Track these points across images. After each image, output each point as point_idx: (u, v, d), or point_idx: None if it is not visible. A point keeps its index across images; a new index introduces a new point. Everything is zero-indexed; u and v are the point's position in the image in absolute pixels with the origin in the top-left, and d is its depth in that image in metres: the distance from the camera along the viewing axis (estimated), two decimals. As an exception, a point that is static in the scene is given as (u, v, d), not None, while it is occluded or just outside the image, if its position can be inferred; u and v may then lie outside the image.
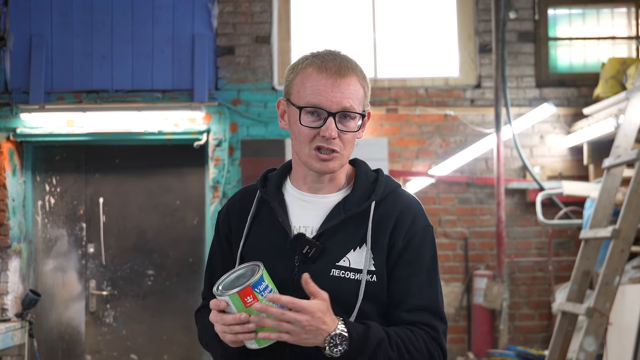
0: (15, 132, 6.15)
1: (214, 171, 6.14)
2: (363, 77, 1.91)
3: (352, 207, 1.90)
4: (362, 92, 1.89)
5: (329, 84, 1.84)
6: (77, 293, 6.40)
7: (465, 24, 6.48)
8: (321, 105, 1.84)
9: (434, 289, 1.89)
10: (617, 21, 6.57)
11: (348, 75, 1.86)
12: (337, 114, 1.84)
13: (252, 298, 1.72)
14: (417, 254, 1.89)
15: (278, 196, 1.96)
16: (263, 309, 1.70)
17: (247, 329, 1.73)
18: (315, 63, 1.87)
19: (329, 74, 1.84)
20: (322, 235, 1.88)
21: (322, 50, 1.92)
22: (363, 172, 1.98)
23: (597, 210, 4.39)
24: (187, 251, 6.41)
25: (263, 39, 6.30)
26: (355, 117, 1.87)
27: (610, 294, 4.04)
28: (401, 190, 1.97)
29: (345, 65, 1.87)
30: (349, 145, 1.89)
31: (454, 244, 6.27)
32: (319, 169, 1.88)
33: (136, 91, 6.23)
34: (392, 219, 1.89)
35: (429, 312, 1.86)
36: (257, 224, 1.96)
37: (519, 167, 6.29)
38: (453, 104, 6.34)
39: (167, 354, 6.37)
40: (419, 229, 1.90)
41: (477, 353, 5.94)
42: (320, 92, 1.84)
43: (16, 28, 6.20)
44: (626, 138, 4.36)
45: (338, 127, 1.85)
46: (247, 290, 1.71)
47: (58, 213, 6.43)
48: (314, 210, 1.92)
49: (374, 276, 1.85)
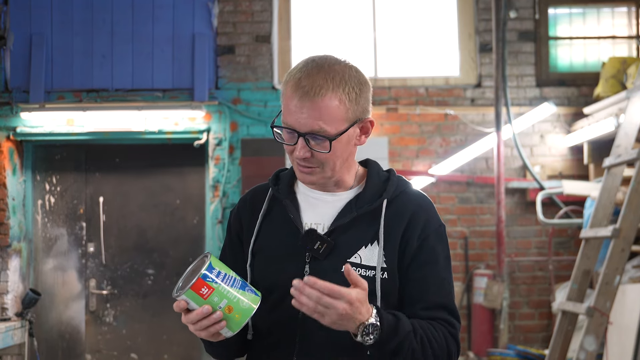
0: (15, 131, 6.14)
1: (214, 170, 6.13)
2: (348, 91, 1.83)
3: (364, 205, 1.90)
4: (342, 109, 1.82)
5: (298, 105, 1.81)
6: (77, 292, 6.40)
7: (466, 23, 6.48)
8: (292, 126, 1.83)
9: (449, 289, 1.92)
10: (618, 20, 6.57)
11: (320, 95, 1.79)
12: (307, 134, 1.83)
13: (207, 288, 1.72)
14: (433, 254, 1.90)
15: (290, 194, 1.97)
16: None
17: (213, 320, 1.73)
18: (294, 79, 1.83)
19: (300, 94, 1.80)
20: (333, 232, 1.89)
21: (312, 60, 1.87)
22: (375, 171, 1.98)
23: (598, 209, 4.39)
24: (187, 250, 6.40)
25: (263, 38, 6.30)
26: (325, 140, 1.83)
27: (611, 294, 4.04)
28: (413, 190, 1.98)
29: (321, 83, 1.80)
30: (329, 161, 1.86)
31: (454, 243, 6.27)
32: (301, 180, 1.92)
33: (136, 90, 6.23)
34: (404, 218, 1.90)
35: (445, 310, 1.89)
36: (268, 221, 1.97)
37: (519, 166, 6.28)
38: (453, 103, 6.34)
39: (167, 354, 6.37)
40: (433, 229, 1.92)
41: (477, 352, 5.94)
42: (291, 113, 1.83)
43: (16, 27, 6.20)
44: (627, 137, 4.36)
45: (310, 147, 1.84)
46: (198, 283, 1.71)
47: (58, 212, 6.42)
48: (326, 208, 1.93)
49: (385, 273, 1.86)
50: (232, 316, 1.75)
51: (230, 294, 1.74)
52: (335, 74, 1.83)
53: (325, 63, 1.84)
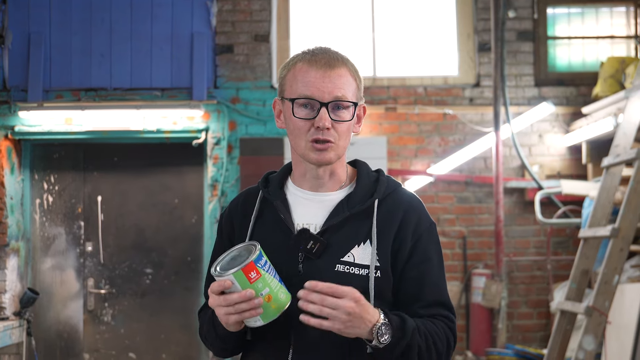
0: (13, 130, 6.14)
1: (212, 170, 6.13)
2: (355, 71, 1.94)
3: (356, 205, 1.92)
4: (354, 84, 1.92)
5: (319, 75, 1.87)
6: (75, 291, 6.39)
7: (465, 23, 6.48)
8: (313, 96, 1.87)
9: (443, 285, 1.96)
10: (616, 20, 6.58)
11: (338, 67, 1.89)
12: (330, 103, 1.87)
13: (256, 273, 1.74)
14: (426, 253, 1.93)
15: (280, 195, 1.98)
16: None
17: (254, 305, 1.74)
18: (306, 58, 1.90)
19: (319, 66, 1.88)
20: (326, 231, 1.90)
21: (313, 47, 1.95)
22: (364, 171, 2.00)
23: (596, 209, 4.40)
24: (186, 250, 6.40)
25: (262, 37, 6.29)
26: (349, 106, 1.89)
27: (610, 293, 4.05)
28: (402, 189, 2.00)
29: (335, 58, 1.90)
30: (344, 136, 1.90)
31: (452, 243, 6.27)
32: (316, 160, 1.90)
33: (135, 89, 6.22)
34: (396, 217, 1.92)
35: (442, 306, 1.93)
36: (260, 224, 1.97)
37: (517, 166, 6.29)
38: (452, 103, 6.34)
39: (166, 353, 6.37)
40: (425, 228, 1.95)
41: (475, 352, 5.94)
42: (311, 84, 1.87)
43: (15, 26, 6.19)
44: (625, 137, 4.37)
45: (331, 117, 1.87)
46: (250, 266, 1.73)
47: (56, 211, 6.42)
48: (317, 208, 1.94)
49: (378, 272, 1.88)
50: (269, 306, 1.77)
51: (273, 284, 1.77)
52: (340, 53, 1.95)
53: (327, 47, 1.96)
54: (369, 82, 6.39)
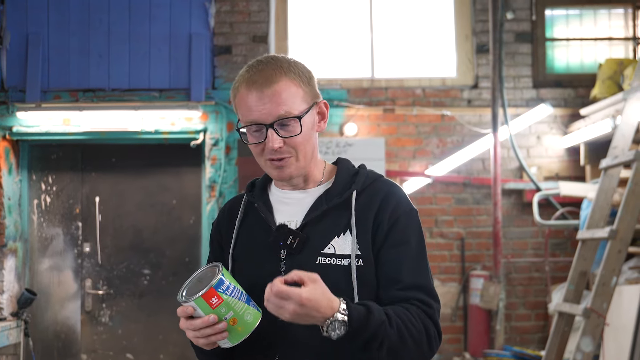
0: (11, 130, 6.13)
1: (210, 170, 6.12)
2: (299, 75, 1.90)
3: (334, 198, 1.94)
4: (299, 91, 1.89)
5: (257, 98, 1.86)
6: (72, 292, 6.38)
7: (463, 24, 6.48)
8: (257, 120, 1.87)
9: (425, 270, 1.92)
10: (614, 22, 6.58)
11: (276, 82, 1.86)
12: (275, 123, 1.86)
13: (217, 299, 1.74)
14: (405, 235, 1.91)
15: (263, 197, 2.02)
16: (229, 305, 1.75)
17: (217, 330, 1.76)
18: (245, 80, 1.89)
19: (257, 87, 1.86)
20: (305, 226, 1.92)
21: (254, 61, 1.92)
22: (344, 167, 2.02)
23: (595, 210, 4.40)
24: (184, 250, 6.39)
25: (260, 38, 6.29)
26: (295, 120, 1.88)
27: (608, 295, 4.05)
28: (383, 180, 2.00)
29: (272, 73, 1.87)
30: (302, 146, 1.90)
31: (450, 244, 6.27)
32: (277, 177, 1.94)
33: (133, 90, 6.22)
34: (375, 203, 1.93)
35: (421, 290, 1.88)
36: (245, 226, 2.01)
37: (515, 167, 6.29)
38: (450, 104, 6.34)
39: (163, 354, 6.36)
40: (402, 211, 1.93)
41: (473, 353, 5.94)
42: (252, 108, 1.87)
43: (13, 26, 6.18)
44: (623, 139, 4.37)
45: (280, 135, 1.87)
46: (210, 292, 1.74)
47: (54, 212, 6.41)
48: (297, 206, 1.97)
49: (360, 260, 1.88)
50: (235, 328, 1.78)
51: (237, 306, 1.77)
52: (281, 63, 1.90)
53: (268, 59, 1.92)
54: (368, 83, 6.38)
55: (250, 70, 1.90)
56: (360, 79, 6.42)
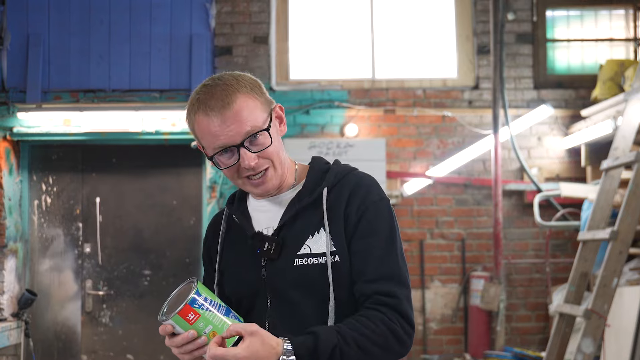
0: (12, 131, 6.13)
1: (211, 171, 6.12)
2: (250, 87, 1.90)
3: (305, 198, 1.94)
4: (257, 103, 1.88)
5: (219, 123, 1.84)
6: (73, 293, 6.38)
7: (464, 25, 6.48)
8: (226, 144, 1.86)
9: (393, 258, 1.89)
10: (615, 23, 6.58)
11: (233, 102, 1.84)
12: (244, 141, 1.86)
13: (194, 314, 1.75)
14: (373, 225, 1.89)
15: (241, 207, 2.03)
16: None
17: (198, 345, 1.77)
18: (201, 107, 1.86)
19: (215, 113, 1.84)
20: (281, 230, 1.93)
21: (201, 87, 1.90)
22: (316, 165, 2.02)
23: (595, 212, 4.39)
24: (184, 251, 6.39)
25: (261, 39, 6.29)
26: (263, 132, 1.87)
27: (608, 296, 4.04)
28: (356, 172, 1.99)
29: (225, 93, 1.85)
30: (275, 154, 1.90)
31: (451, 245, 6.27)
32: (260, 194, 1.95)
33: (133, 91, 6.22)
34: (344, 197, 1.92)
35: (388, 279, 1.86)
36: (228, 239, 2.03)
37: (516, 168, 6.28)
38: (451, 105, 6.34)
39: (163, 354, 6.36)
40: (371, 202, 1.91)
41: (474, 354, 5.93)
42: (217, 134, 1.85)
43: (13, 27, 6.18)
44: (624, 140, 4.37)
45: (253, 152, 1.87)
46: (186, 308, 1.74)
47: (54, 212, 6.41)
48: (272, 212, 1.97)
49: (336, 256, 1.88)
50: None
51: (215, 320, 1.77)
52: (228, 81, 1.89)
53: (213, 82, 1.90)
54: (368, 84, 6.38)
55: (202, 96, 1.87)
56: (361, 79, 6.42)
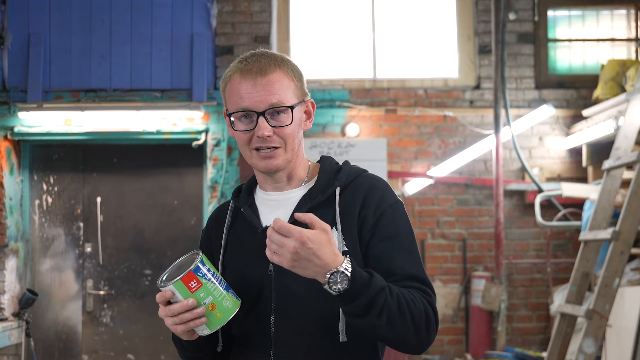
0: (12, 130, 6.13)
1: (212, 171, 6.12)
2: (292, 70, 1.92)
3: (317, 196, 1.93)
4: (292, 85, 1.90)
5: (251, 85, 1.87)
6: (74, 292, 6.38)
7: (465, 25, 6.47)
8: (248, 107, 1.87)
9: (417, 262, 1.89)
10: (617, 23, 6.57)
11: (270, 72, 1.87)
12: (267, 111, 1.87)
13: (197, 282, 1.74)
14: (392, 228, 1.89)
15: (248, 201, 2.01)
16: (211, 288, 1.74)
17: (196, 314, 1.74)
18: (239, 69, 1.89)
19: (251, 75, 1.87)
20: None
21: (248, 53, 1.94)
22: (327, 164, 2.01)
23: (597, 212, 4.39)
24: (185, 251, 6.32)
25: (262, 38, 6.28)
26: (287, 110, 1.89)
27: (610, 296, 4.04)
28: (367, 174, 1.99)
29: (267, 63, 1.89)
30: (290, 138, 1.90)
31: (452, 245, 6.26)
32: (264, 168, 1.92)
33: (135, 90, 6.21)
34: (359, 198, 1.91)
35: (417, 280, 1.85)
36: (233, 232, 2.01)
37: (517, 168, 6.28)
38: (452, 105, 6.34)
39: (164, 354, 6.36)
40: (388, 205, 1.91)
41: (474, 354, 5.93)
42: (245, 95, 1.87)
43: (14, 26, 6.18)
44: (626, 140, 4.36)
45: (271, 124, 1.88)
46: (189, 275, 1.73)
47: (55, 212, 6.41)
48: (282, 207, 1.96)
49: (348, 256, 1.84)
50: (214, 314, 1.77)
51: (216, 292, 1.76)
52: (275, 56, 1.92)
53: (262, 52, 1.93)
54: (370, 84, 6.38)
55: (244, 61, 1.90)
56: (362, 79, 6.41)
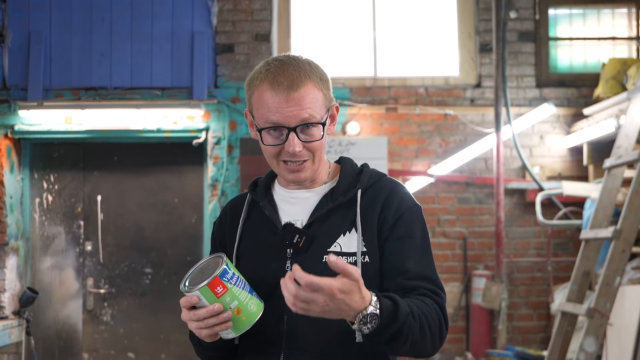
0: (13, 129, 6.12)
1: (212, 169, 6.12)
2: (320, 79, 1.89)
3: (339, 197, 1.93)
4: (321, 96, 1.87)
5: (283, 100, 1.83)
6: (74, 291, 6.38)
7: (466, 23, 6.46)
8: (279, 123, 1.84)
9: (430, 263, 1.91)
10: (618, 21, 6.56)
11: (302, 86, 1.83)
12: (297, 127, 1.85)
13: (222, 288, 1.73)
14: (409, 229, 1.91)
15: (267, 196, 2.00)
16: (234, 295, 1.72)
17: (222, 319, 1.74)
18: (268, 79, 1.85)
19: (282, 89, 1.83)
20: (311, 225, 1.92)
21: (274, 60, 1.89)
22: (349, 166, 2.02)
23: (598, 210, 4.38)
24: (185, 249, 6.39)
25: (263, 36, 6.28)
26: (318, 125, 1.87)
27: (611, 295, 4.03)
28: (387, 178, 2.01)
29: (297, 75, 1.84)
30: (318, 150, 1.90)
31: (452, 244, 6.26)
32: (292, 180, 1.93)
33: (135, 88, 6.21)
34: (379, 201, 1.93)
35: (428, 281, 1.87)
36: (249, 225, 2.00)
37: (518, 167, 6.27)
38: (453, 104, 6.33)
39: (165, 353, 6.35)
40: (407, 207, 1.93)
41: (475, 353, 5.93)
42: (276, 110, 1.84)
43: (15, 25, 6.17)
44: (627, 138, 4.35)
45: (301, 139, 1.86)
46: (215, 280, 1.73)
47: (56, 210, 6.40)
48: (302, 205, 1.96)
49: (366, 257, 1.88)
50: (239, 318, 1.77)
51: (241, 296, 1.76)
52: (302, 64, 1.88)
53: (288, 59, 1.89)
54: (370, 82, 6.37)
55: (272, 69, 1.85)
56: (363, 77, 6.41)
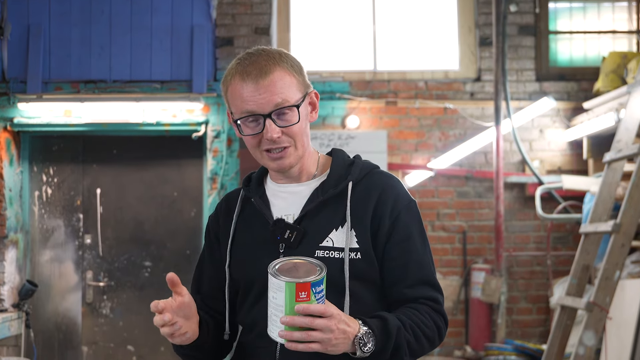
0: (12, 121, 6.11)
1: (212, 163, 6.11)
2: (291, 65, 1.90)
3: (329, 190, 1.93)
4: (293, 81, 1.89)
5: (253, 88, 1.86)
6: (73, 284, 6.38)
7: (466, 17, 6.45)
8: (254, 111, 1.87)
9: (428, 263, 1.93)
10: (618, 15, 6.55)
11: (271, 72, 1.86)
12: (272, 113, 1.86)
13: (306, 296, 1.65)
14: (407, 231, 1.91)
15: (259, 191, 2.01)
16: (302, 310, 1.65)
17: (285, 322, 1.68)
18: (238, 72, 1.88)
19: (252, 78, 1.85)
20: (302, 219, 1.92)
21: (245, 54, 1.92)
22: (340, 158, 2.01)
23: (598, 204, 4.38)
24: (185, 243, 6.39)
25: (262, 30, 6.27)
26: (293, 109, 1.88)
27: (611, 289, 4.04)
28: (380, 171, 2.00)
29: (265, 63, 1.87)
30: (299, 135, 1.90)
31: (452, 238, 6.26)
32: (276, 168, 1.93)
33: (134, 82, 6.20)
34: (373, 197, 1.92)
35: (428, 285, 1.90)
36: (242, 221, 2.01)
37: (518, 161, 6.27)
38: (453, 97, 6.32)
39: (164, 346, 6.36)
40: (403, 206, 1.93)
41: (474, 347, 5.93)
42: (249, 99, 1.86)
43: (14, 17, 6.15)
44: (627, 132, 4.35)
45: (279, 125, 1.87)
46: (306, 285, 1.65)
47: (55, 203, 6.40)
48: (293, 199, 1.96)
49: (358, 253, 1.87)
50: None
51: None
52: (271, 54, 1.90)
53: (259, 50, 1.92)
54: (370, 75, 6.36)
55: (242, 63, 1.89)
56: (363, 71, 6.40)
